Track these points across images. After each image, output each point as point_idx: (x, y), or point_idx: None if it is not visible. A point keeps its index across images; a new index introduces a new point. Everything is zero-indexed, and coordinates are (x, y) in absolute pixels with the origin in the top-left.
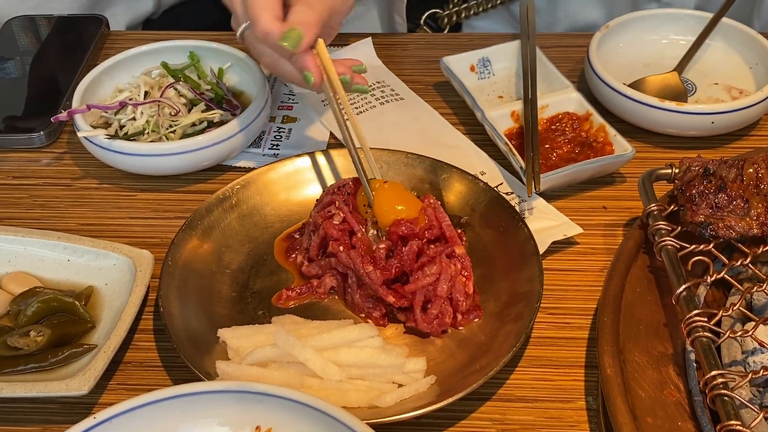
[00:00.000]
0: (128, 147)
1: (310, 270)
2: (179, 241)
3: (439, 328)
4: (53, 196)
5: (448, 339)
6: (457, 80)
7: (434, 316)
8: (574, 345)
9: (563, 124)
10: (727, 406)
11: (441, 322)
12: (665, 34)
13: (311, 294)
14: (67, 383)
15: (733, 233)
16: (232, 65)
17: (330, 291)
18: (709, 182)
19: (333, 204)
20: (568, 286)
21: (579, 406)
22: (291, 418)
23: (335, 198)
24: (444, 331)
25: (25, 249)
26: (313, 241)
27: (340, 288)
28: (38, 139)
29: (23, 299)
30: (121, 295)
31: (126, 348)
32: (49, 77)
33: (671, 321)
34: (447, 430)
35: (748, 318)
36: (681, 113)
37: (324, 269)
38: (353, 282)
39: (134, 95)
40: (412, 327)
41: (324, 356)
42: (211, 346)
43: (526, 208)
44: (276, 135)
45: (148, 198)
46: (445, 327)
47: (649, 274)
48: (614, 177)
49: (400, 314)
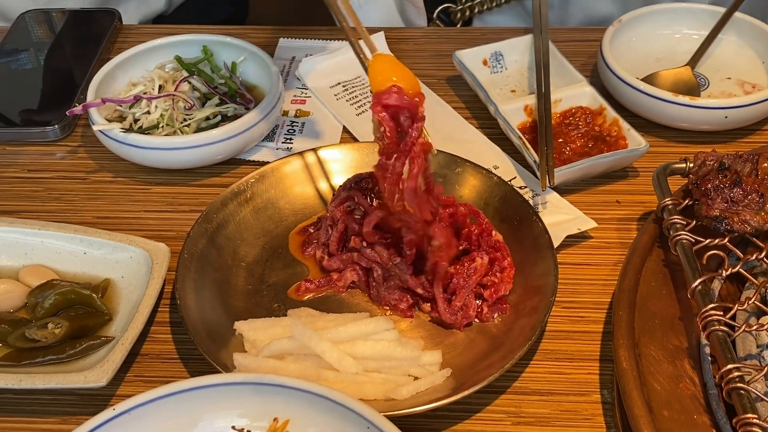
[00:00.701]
0: (143, 140)
1: (331, 264)
2: (195, 234)
3: (463, 320)
4: (68, 189)
5: (464, 332)
6: (470, 74)
7: (458, 308)
8: (589, 339)
9: (577, 118)
10: (744, 399)
11: (465, 314)
12: (678, 28)
13: (330, 287)
14: (85, 375)
15: (748, 227)
16: (245, 59)
17: (350, 285)
18: (724, 176)
19: (352, 199)
20: (582, 280)
21: (594, 399)
22: (308, 410)
23: (353, 194)
24: (468, 324)
25: (41, 242)
26: (332, 236)
27: (362, 282)
28: (53, 132)
29: (41, 292)
30: (138, 287)
31: (143, 340)
32: (62, 71)
33: (686, 315)
34: (462, 423)
35: (762, 312)
36: (694, 107)
37: (345, 263)
38: (378, 276)
39: (148, 89)
40: (436, 318)
41: (340, 349)
42: (227, 339)
43: (539, 202)
44: (289, 129)
45: (163, 191)
46: (469, 320)
47: (663, 268)
48: (627, 171)
49: (425, 305)
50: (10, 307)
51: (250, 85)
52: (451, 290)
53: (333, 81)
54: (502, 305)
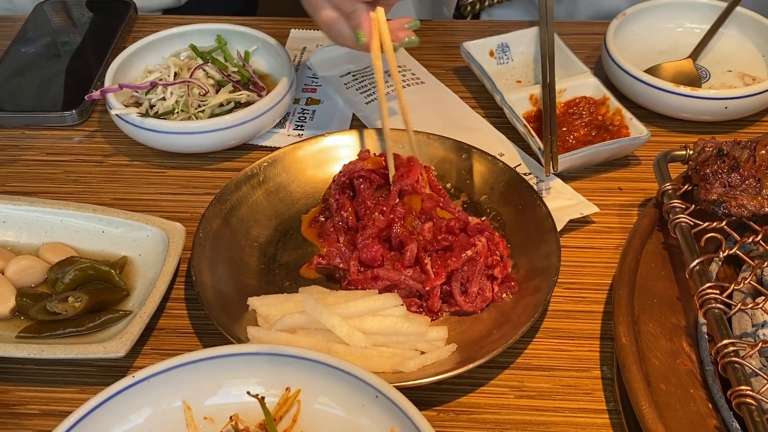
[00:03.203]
0: (159, 125)
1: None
2: (209, 214)
3: (483, 304)
4: (86, 172)
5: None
6: (477, 65)
7: (475, 295)
8: (590, 318)
9: (580, 107)
10: (738, 372)
11: (483, 297)
12: (680, 22)
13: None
14: (105, 346)
15: (745, 211)
16: (257, 48)
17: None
18: (722, 162)
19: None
20: (584, 263)
21: (594, 375)
22: (319, 380)
23: (341, 200)
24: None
25: (61, 221)
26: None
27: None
28: (70, 117)
29: (60, 268)
30: (155, 265)
31: (159, 315)
32: (79, 59)
33: (684, 295)
34: (467, 396)
35: (758, 292)
36: (695, 98)
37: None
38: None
39: (164, 76)
40: (456, 311)
41: (350, 324)
42: (241, 314)
43: (543, 188)
44: (300, 116)
45: (178, 175)
46: (487, 302)
47: (663, 250)
48: (629, 159)
49: (443, 305)
50: (31, 282)
51: (263, 73)
52: (464, 279)
53: (343, 70)
54: (510, 282)
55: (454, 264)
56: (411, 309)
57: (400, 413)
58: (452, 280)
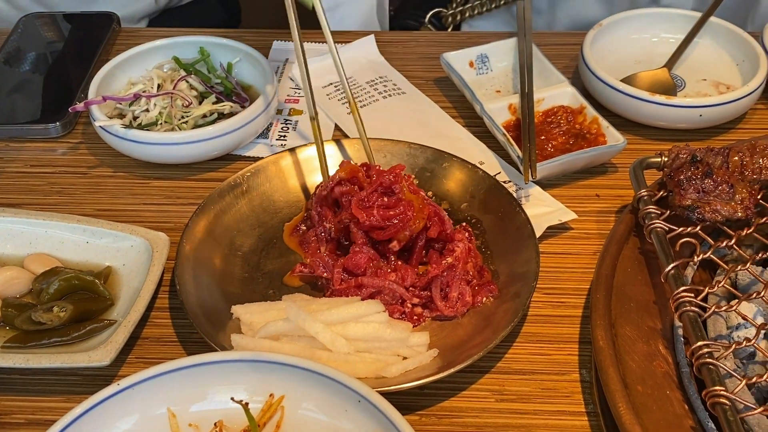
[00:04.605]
0: (143, 136)
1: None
2: (193, 224)
3: (463, 309)
4: (70, 183)
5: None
6: (457, 75)
7: (455, 299)
8: (569, 322)
9: (558, 116)
10: (713, 374)
11: (464, 302)
12: (656, 32)
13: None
14: (89, 355)
15: (719, 216)
16: (240, 60)
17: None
18: (696, 168)
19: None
20: (563, 268)
21: (573, 378)
22: (303, 386)
23: (323, 211)
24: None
25: (45, 231)
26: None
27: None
28: (54, 129)
29: (45, 278)
30: (139, 275)
31: (144, 324)
32: (63, 71)
33: (660, 299)
34: (449, 400)
35: (733, 295)
36: (670, 106)
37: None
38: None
39: (147, 87)
40: (438, 316)
41: (333, 330)
42: (225, 322)
43: (523, 195)
44: (283, 126)
45: (161, 185)
46: (467, 306)
47: (639, 255)
48: (606, 167)
49: (425, 311)
50: (16, 293)
51: (246, 84)
52: (444, 285)
53: (325, 81)
54: (490, 286)
55: (434, 270)
56: (394, 316)
57: (382, 417)
58: (433, 286)
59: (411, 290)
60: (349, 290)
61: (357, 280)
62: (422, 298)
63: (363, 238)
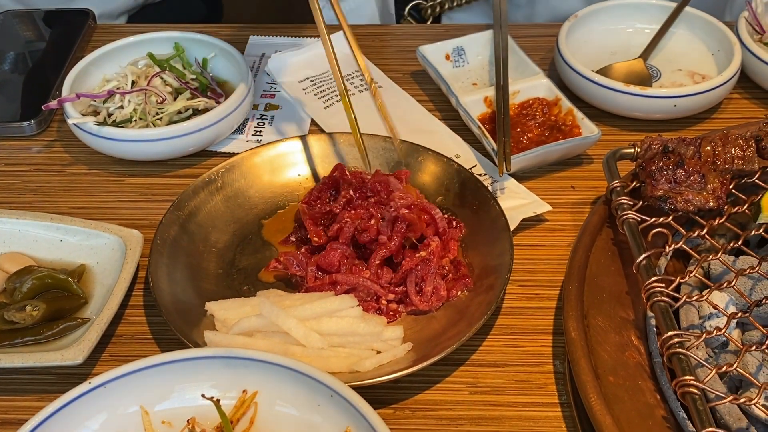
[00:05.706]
0: (117, 133)
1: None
2: (167, 221)
3: (438, 303)
4: (44, 181)
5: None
6: (433, 68)
7: (430, 294)
8: (543, 314)
9: (534, 108)
10: (683, 363)
11: (438, 296)
12: (631, 23)
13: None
14: (62, 353)
15: (690, 206)
16: (215, 56)
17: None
18: (668, 159)
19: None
20: (537, 260)
21: (547, 369)
22: (276, 382)
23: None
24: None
25: (19, 230)
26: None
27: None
28: (29, 127)
29: (18, 277)
30: (113, 272)
31: (117, 322)
32: (38, 69)
33: (633, 290)
34: (423, 393)
35: (705, 285)
36: (645, 97)
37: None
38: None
39: (122, 84)
40: (413, 311)
41: (306, 325)
42: (199, 319)
43: (498, 188)
44: (259, 122)
45: (136, 182)
46: (442, 300)
47: (612, 246)
48: (582, 158)
49: (400, 306)
50: None
51: (221, 80)
52: (419, 279)
53: (301, 76)
54: (465, 279)
55: (407, 264)
56: (369, 312)
57: (354, 411)
58: (407, 280)
59: (386, 286)
60: (323, 287)
61: (331, 278)
62: (397, 293)
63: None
